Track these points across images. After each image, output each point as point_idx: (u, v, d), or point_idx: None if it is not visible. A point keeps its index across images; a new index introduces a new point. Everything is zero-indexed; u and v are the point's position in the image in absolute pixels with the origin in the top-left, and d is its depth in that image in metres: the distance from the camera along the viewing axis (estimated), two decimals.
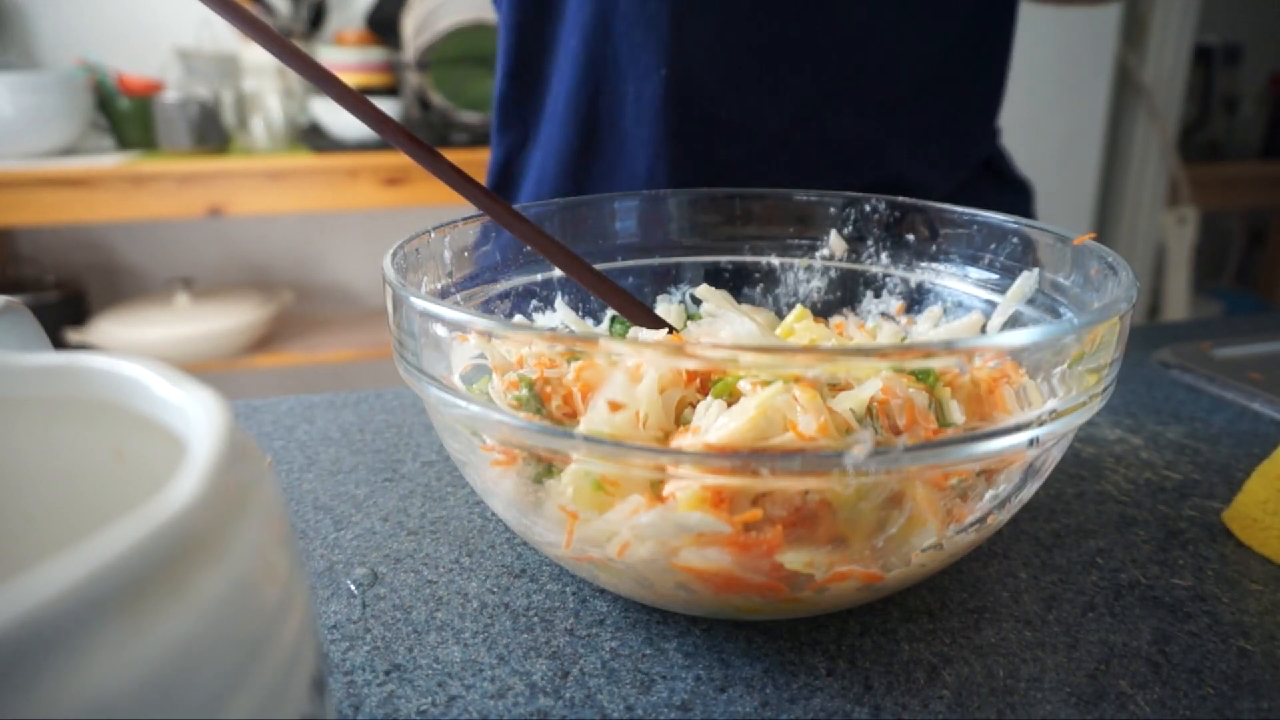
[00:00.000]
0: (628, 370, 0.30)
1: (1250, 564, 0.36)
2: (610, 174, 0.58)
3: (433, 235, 0.38)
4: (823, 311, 0.46)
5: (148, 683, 0.11)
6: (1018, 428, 0.26)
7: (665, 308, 0.46)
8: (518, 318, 0.43)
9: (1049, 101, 1.86)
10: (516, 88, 0.60)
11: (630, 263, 0.46)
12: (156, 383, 0.16)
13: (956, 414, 0.31)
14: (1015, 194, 0.69)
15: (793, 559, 0.27)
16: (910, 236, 0.44)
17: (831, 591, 0.28)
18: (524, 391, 0.32)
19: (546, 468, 0.31)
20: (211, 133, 1.51)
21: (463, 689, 0.29)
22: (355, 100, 0.34)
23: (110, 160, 1.44)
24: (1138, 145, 1.98)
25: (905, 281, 0.45)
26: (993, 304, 0.41)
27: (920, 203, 0.44)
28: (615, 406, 0.29)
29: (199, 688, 0.12)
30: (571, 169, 0.59)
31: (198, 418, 0.15)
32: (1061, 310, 0.37)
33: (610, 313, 0.41)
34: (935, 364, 0.28)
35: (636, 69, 0.55)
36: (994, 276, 0.41)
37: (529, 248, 0.39)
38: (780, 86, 0.56)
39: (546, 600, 0.34)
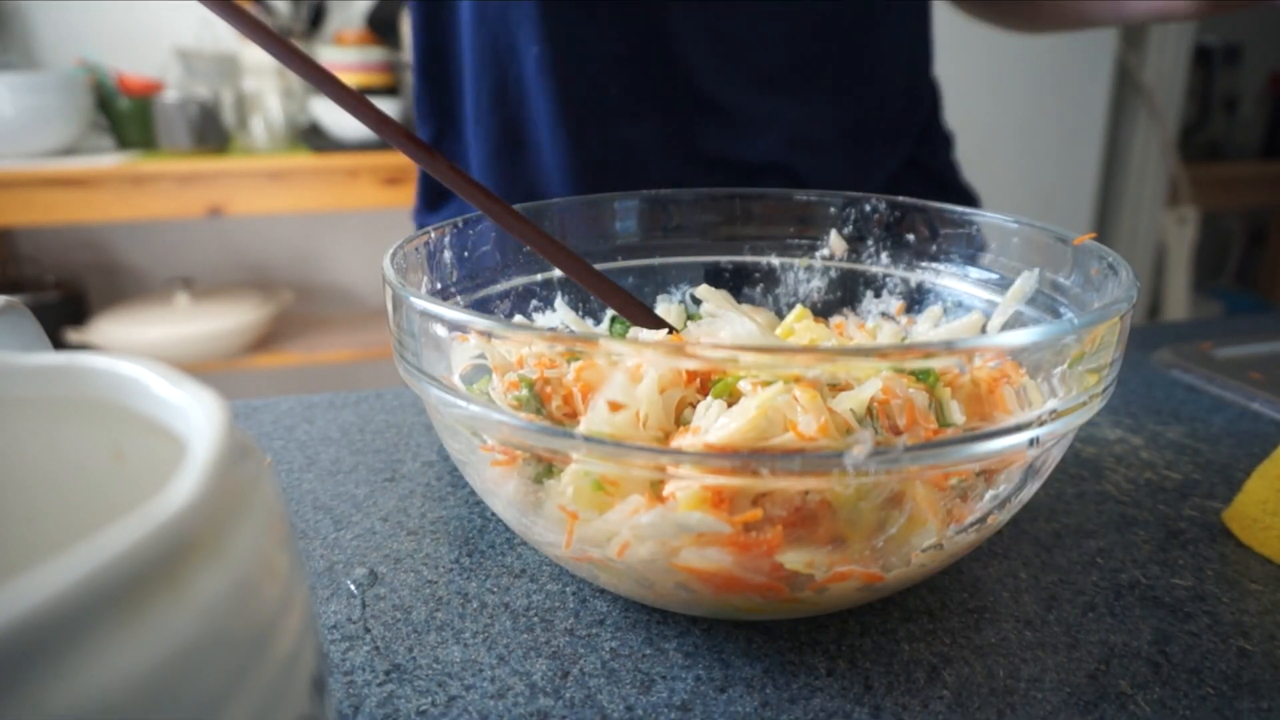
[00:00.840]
0: (628, 370, 0.30)
1: (1250, 564, 0.36)
2: (523, 153, 0.59)
3: (433, 235, 0.38)
4: (823, 311, 0.46)
5: (147, 683, 0.11)
6: (1018, 428, 0.26)
7: (665, 308, 0.46)
8: (518, 318, 0.43)
9: (1049, 101, 1.86)
10: (429, 81, 0.62)
11: (630, 263, 0.46)
12: (156, 383, 0.16)
13: (956, 414, 0.31)
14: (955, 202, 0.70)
15: (793, 559, 0.27)
16: (910, 236, 0.44)
17: (831, 591, 0.28)
18: (524, 392, 0.32)
19: (547, 468, 0.31)
20: (211, 133, 1.51)
21: (463, 689, 0.29)
22: (354, 101, 0.34)
23: (110, 160, 1.44)
24: (1138, 145, 1.98)
25: (905, 281, 0.45)
26: (993, 304, 0.41)
27: (920, 202, 0.44)
28: (615, 407, 0.29)
29: (199, 688, 0.12)
30: (495, 155, 0.60)
31: (198, 418, 0.15)
32: (1061, 310, 0.37)
33: (610, 313, 0.41)
34: (935, 364, 0.28)
35: (516, 48, 0.56)
36: (994, 276, 0.41)
37: (529, 247, 0.39)
38: (657, 68, 0.56)
39: (546, 600, 0.34)
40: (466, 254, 0.40)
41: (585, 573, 0.31)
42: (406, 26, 1.53)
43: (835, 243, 0.46)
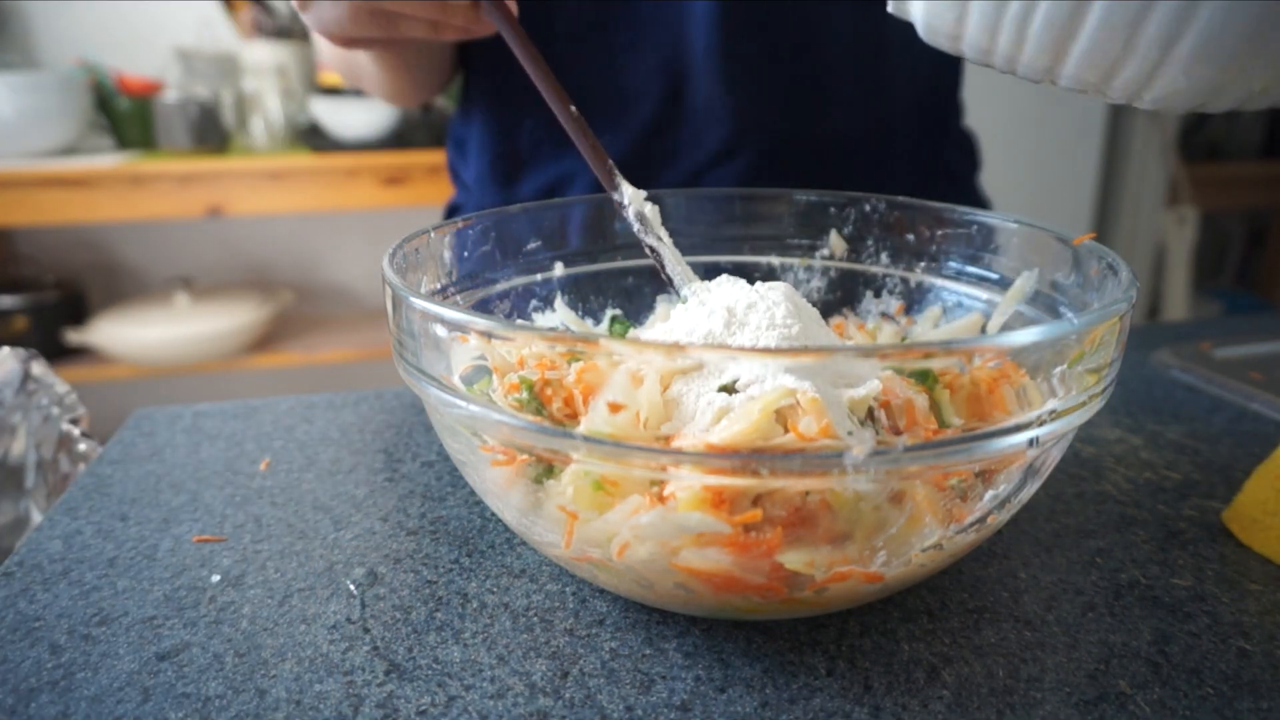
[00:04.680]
0: (629, 372, 0.30)
1: (1250, 564, 0.36)
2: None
3: (433, 235, 0.38)
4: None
5: None
6: (1017, 428, 0.26)
7: (665, 308, 0.46)
8: (517, 318, 0.43)
9: (1049, 101, 1.86)
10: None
11: (630, 263, 0.46)
12: None
13: (954, 417, 0.31)
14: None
15: (793, 559, 0.27)
16: (910, 236, 0.44)
17: (831, 591, 0.28)
18: (524, 394, 0.32)
19: (547, 468, 0.31)
20: (211, 133, 1.51)
21: (462, 689, 0.29)
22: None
23: (110, 160, 1.44)
24: (1138, 145, 1.98)
25: (905, 281, 0.45)
26: (993, 304, 0.41)
27: (920, 202, 0.44)
28: (615, 407, 0.29)
29: None
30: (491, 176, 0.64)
31: None
32: (1061, 310, 0.37)
33: (610, 313, 0.41)
34: (935, 364, 0.28)
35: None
36: (994, 276, 0.41)
37: (530, 243, 0.39)
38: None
39: (546, 600, 0.34)
40: (466, 254, 0.40)
41: (585, 573, 0.31)
42: None
43: (835, 243, 0.46)
